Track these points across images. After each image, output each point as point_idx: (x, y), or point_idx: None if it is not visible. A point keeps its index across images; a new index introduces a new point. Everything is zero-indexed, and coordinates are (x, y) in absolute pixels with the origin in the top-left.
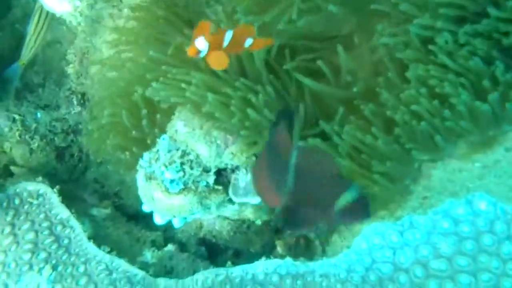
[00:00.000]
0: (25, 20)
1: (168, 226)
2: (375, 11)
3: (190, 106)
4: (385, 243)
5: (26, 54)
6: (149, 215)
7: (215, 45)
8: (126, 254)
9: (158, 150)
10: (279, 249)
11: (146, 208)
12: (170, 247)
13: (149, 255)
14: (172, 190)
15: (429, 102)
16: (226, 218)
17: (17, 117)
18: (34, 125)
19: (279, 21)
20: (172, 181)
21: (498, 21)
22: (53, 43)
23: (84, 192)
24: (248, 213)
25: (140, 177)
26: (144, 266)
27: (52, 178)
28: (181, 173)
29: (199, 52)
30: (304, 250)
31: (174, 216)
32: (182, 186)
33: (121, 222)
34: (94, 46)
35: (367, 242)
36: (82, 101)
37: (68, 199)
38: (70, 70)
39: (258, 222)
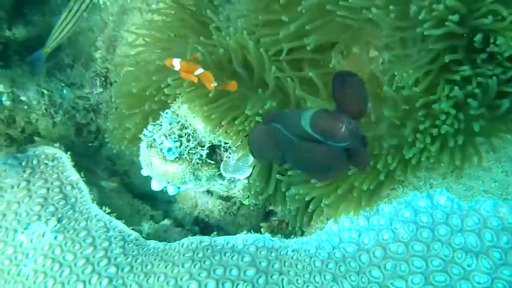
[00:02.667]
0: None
1: (169, 209)
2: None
3: (195, 89)
4: (353, 226)
5: (50, 43)
6: (153, 196)
7: (185, 68)
8: (126, 222)
9: (161, 122)
10: (263, 230)
11: (144, 172)
12: (166, 221)
13: (146, 226)
14: (168, 158)
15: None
16: (218, 198)
17: (45, 92)
18: (59, 101)
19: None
20: (169, 149)
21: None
22: (86, 30)
23: (96, 167)
24: (236, 191)
25: (142, 145)
26: (146, 237)
27: (69, 151)
28: (178, 143)
29: (172, 66)
30: (285, 232)
31: (168, 182)
32: (177, 155)
33: (126, 195)
34: (122, 36)
35: (338, 224)
36: (104, 84)
37: (82, 171)
38: (97, 55)
39: (246, 202)
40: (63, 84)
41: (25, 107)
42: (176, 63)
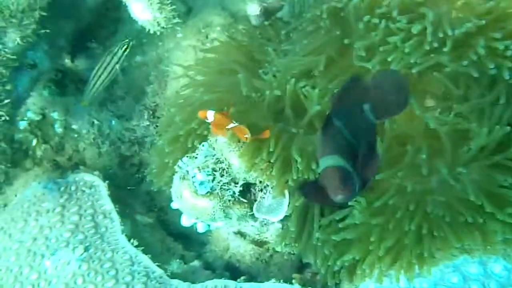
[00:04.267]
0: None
1: (202, 251)
2: None
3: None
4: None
5: (87, 96)
6: (187, 236)
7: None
8: (155, 259)
9: (197, 155)
10: (294, 282)
11: (174, 205)
12: (196, 262)
13: (175, 265)
14: (199, 191)
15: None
16: (251, 242)
17: (95, 122)
18: (107, 131)
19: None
20: (201, 183)
21: None
22: (142, 65)
23: (135, 200)
24: (268, 235)
25: (176, 176)
26: (171, 275)
27: (110, 182)
28: (211, 177)
29: (206, 118)
30: (318, 287)
31: (197, 218)
32: (209, 190)
33: (159, 232)
34: (174, 72)
35: (375, 285)
36: (152, 117)
37: (119, 203)
38: (149, 89)
39: (279, 249)
40: (112, 115)
41: (75, 135)
42: (210, 115)
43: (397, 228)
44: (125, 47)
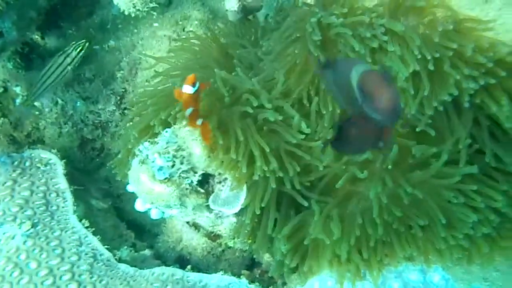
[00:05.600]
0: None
1: (155, 241)
2: None
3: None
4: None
5: (31, 96)
6: (142, 226)
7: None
8: (105, 244)
9: (158, 140)
10: (242, 277)
11: (130, 188)
12: (146, 251)
13: (125, 252)
14: (157, 176)
15: None
16: (204, 235)
17: (60, 101)
18: (71, 112)
19: None
20: (160, 168)
21: None
22: (114, 50)
23: (92, 185)
24: (222, 228)
25: (135, 160)
26: (119, 260)
27: (69, 164)
28: (171, 163)
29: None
30: (265, 284)
31: (152, 203)
32: (167, 176)
33: (113, 219)
34: (146, 60)
35: (320, 283)
36: (119, 102)
37: (75, 184)
38: (119, 74)
39: (231, 244)
40: (78, 96)
41: (37, 112)
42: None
43: (349, 234)
44: (79, 48)
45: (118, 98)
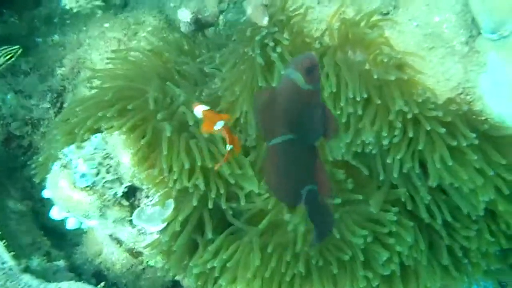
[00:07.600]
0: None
1: (72, 252)
2: None
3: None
4: None
5: None
6: (62, 234)
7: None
8: (13, 250)
9: (84, 146)
10: None
11: (46, 193)
12: (61, 262)
13: (36, 262)
14: (78, 184)
15: None
16: (126, 251)
17: None
18: None
19: None
20: (83, 175)
21: None
22: (58, 45)
23: (12, 184)
24: (143, 246)
25: (56, 164)
26: (24, 269)
27: None
28: (95, 171)
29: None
30: None
31: (69, 212)
32: (89, 184)
33: (29, 223)
34: (91, 60)
35: None
36: (55, 101)
37: None
38: (59, 71)
39: (151, 263)
40: (10, 88)
41: None
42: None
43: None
44: (9, 55)
45: (55, 96)
